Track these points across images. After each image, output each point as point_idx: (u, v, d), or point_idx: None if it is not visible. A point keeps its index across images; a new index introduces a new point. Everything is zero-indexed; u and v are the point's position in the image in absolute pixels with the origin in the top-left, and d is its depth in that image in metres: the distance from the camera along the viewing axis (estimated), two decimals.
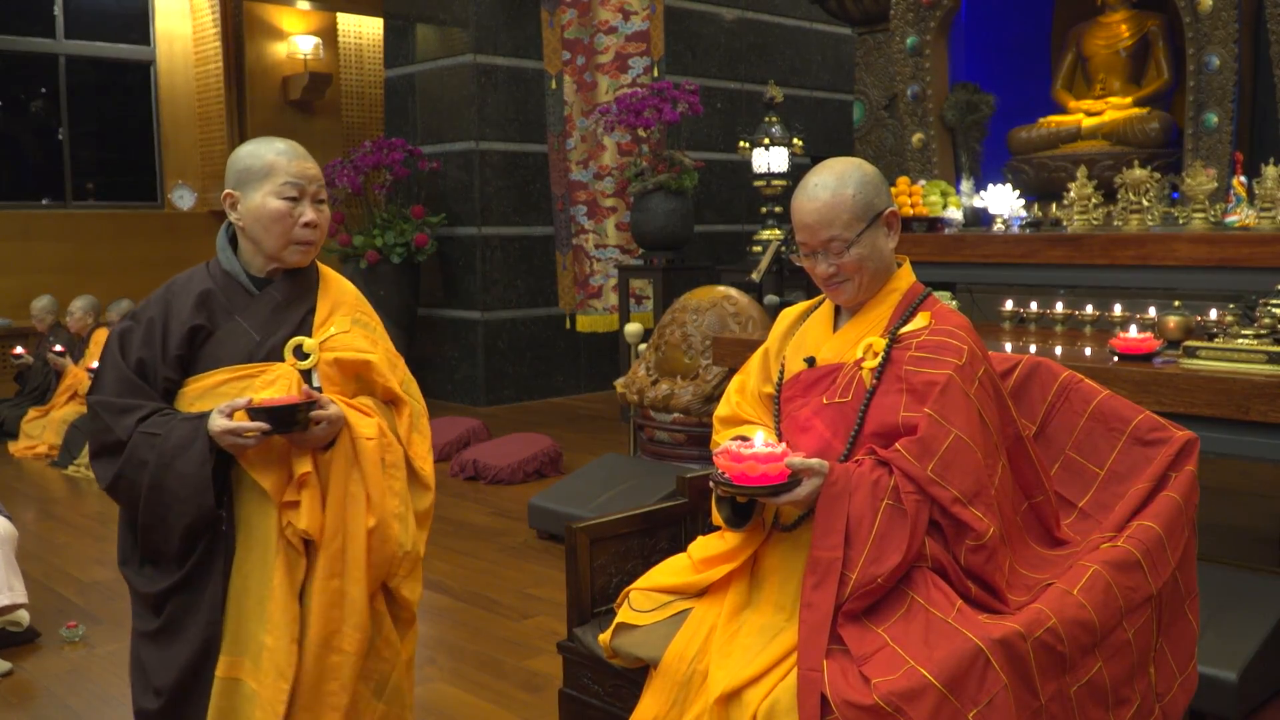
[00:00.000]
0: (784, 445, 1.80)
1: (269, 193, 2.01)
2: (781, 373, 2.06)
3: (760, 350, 2.17)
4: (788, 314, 2.18)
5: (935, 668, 1.60)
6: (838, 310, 2.05)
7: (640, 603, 2.01)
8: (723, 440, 2.10)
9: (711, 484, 1.81)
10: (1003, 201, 5.26)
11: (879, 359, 1.89)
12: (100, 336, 6.74)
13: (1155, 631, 1.87)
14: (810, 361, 2.00)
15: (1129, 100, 6.01)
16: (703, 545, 2.05)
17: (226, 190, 2.04)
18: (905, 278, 2.01)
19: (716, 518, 1.96)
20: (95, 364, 6.21)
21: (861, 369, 1.91)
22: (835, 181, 1.91)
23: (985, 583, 1.77)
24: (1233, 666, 2.59)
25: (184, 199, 9.31)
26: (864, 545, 1.73)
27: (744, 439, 1.82)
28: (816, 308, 2.11)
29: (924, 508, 1.74)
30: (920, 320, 1.93)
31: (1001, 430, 1.90)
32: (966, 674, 1.60)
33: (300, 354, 2.03)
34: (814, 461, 1.77)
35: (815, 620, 1.71)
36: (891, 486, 1.75)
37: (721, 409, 2.19)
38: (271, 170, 2.02)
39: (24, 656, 3.39)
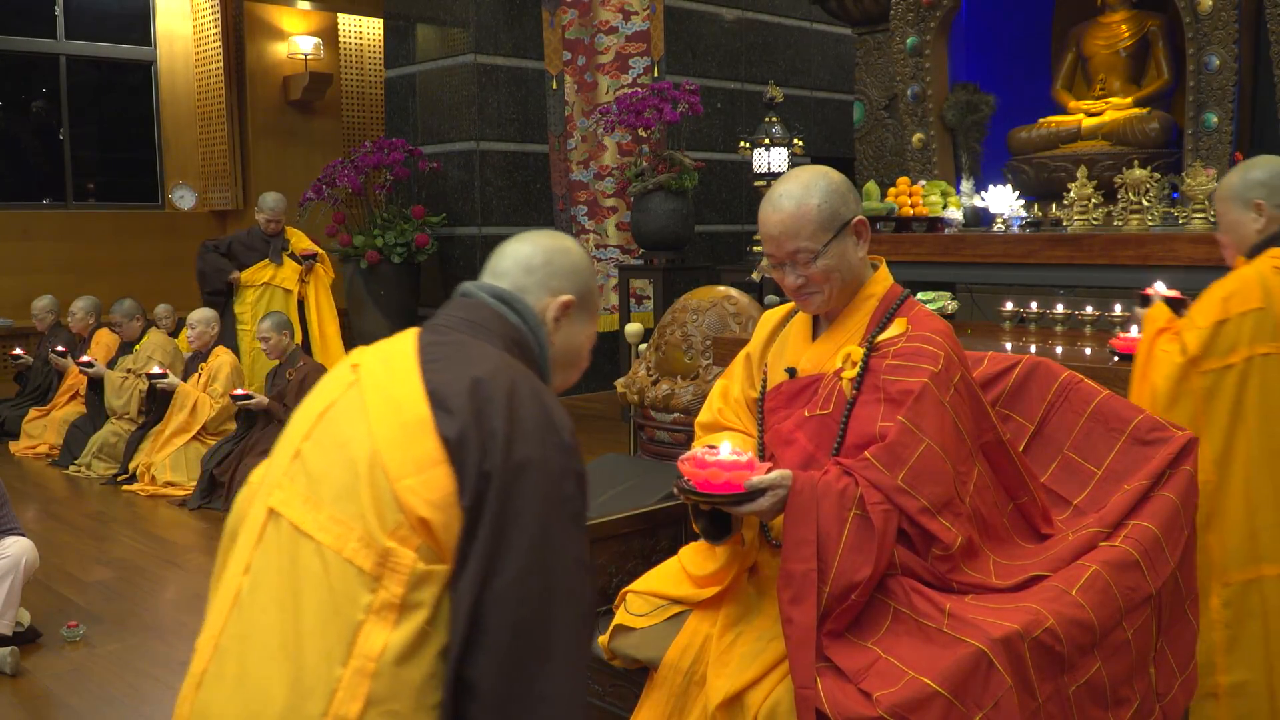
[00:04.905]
0: (750, 455, 1.77)
1: (594, 330, 1.67)
2: (764, 382, 2.05)
3: (742, 354, 2.15)
4: (769, 318, 2.15)
5: (938, 675, 1.58)
6: (816, 316, 2.03)
7: (637, 606, 2.01)
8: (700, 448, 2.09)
9: (676, 490, 1.78)
10: (1003, 201, 5.26)
11: (857, 369, 1.87)
12: (101, 337, 6.74)
13: (1155, 631, 1.87)
14: (791, 372, 1.98)
15: (1129, 100, 6.01)
16: (693, 558, 2.02)
17: (574, 294, 1.59)
18: (881, 282, 1.97)
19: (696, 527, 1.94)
20: (86, 358, 6.22)
21: (841, 379, 1.88)
22: (800, 192, 1.88)
23: (958, 582, 1.76)
24: None
25: (184, 199, 9.31)
26: (834, 556, 1.70)
27: (712, 447, 1.80)
28: (797, 311, 2.09)
29: (892, 518, 1.72)
30: (897, 327, 1.90)
31: (978, 436, 1.88)
32: (970, 678, 1.59)
33: None
34: (774, 477, 1.73)
35: (799, 636, 1.68)
36: (858, 497, 1.72)
37: (703, 415, 2.17)
38: (595, 302, 1.68)
39: (24, 656, 3.39)
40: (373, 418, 1.38)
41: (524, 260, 1.59)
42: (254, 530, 1.44)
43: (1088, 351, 3.54)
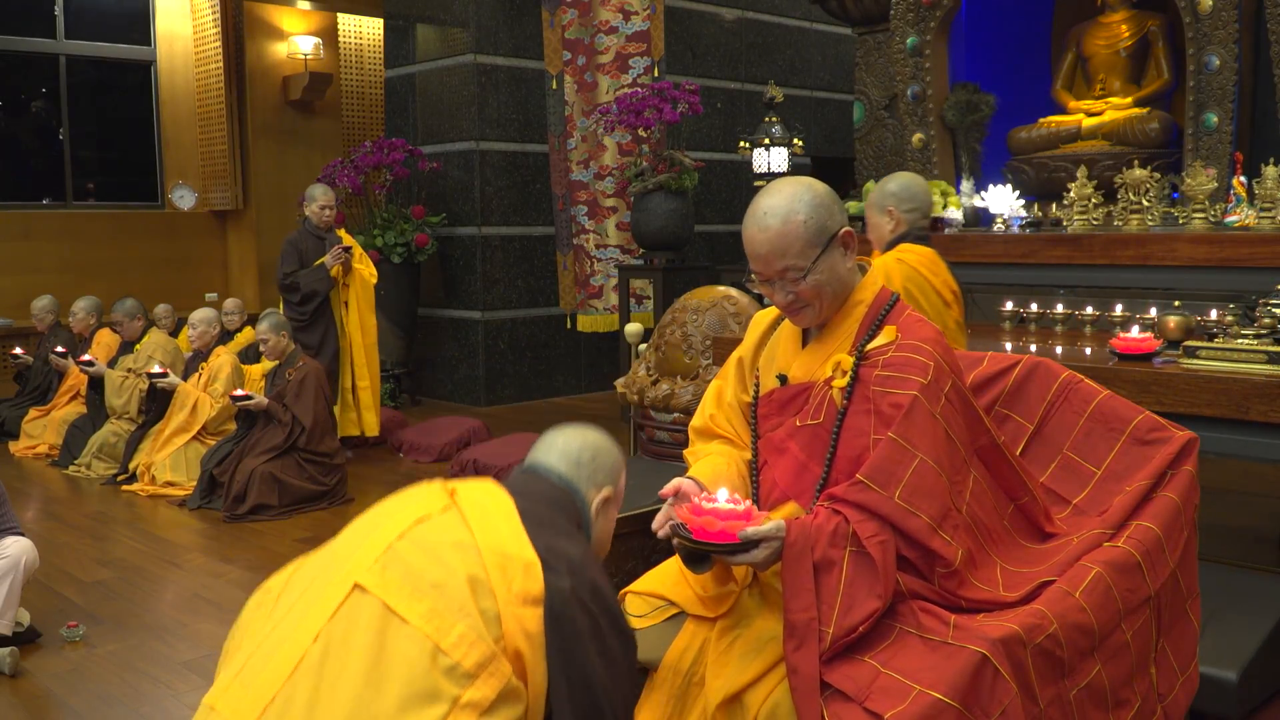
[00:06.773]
0: (748, 504, 1.75)
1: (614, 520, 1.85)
2: (757, 388, 2.03)
3: (735, 358, 2.13)
4: (761, 319, 2.13)
5: (946, 687, 1.57)
6: None
7: (636, 607, 2.00)
8: (695, 456, 2.08)
9: (671, 536, 1.77)
10: (1003, 201, 5.26)
11: (848, 378, 1.84)
12: (102, 337, 6.74)
13: (1155, 632, 1.87)
14: (782, 379, 1.96)
15: (1129, 100, 6.01)
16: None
17: (611, 489, 1.79)
18: (870, 287, 1.94)
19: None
20: (87, 357, 6.20)
21: (832, 388, 1.86)
22: (785, 207, 1.82)
23: (967, 599, 1.75)
24: (1233, 666, 2.58)
25: (184, 199, 9.31)
26: (835, 598, 1.68)
27: (710, 495, 1.79)
28: None
29: (890, 548, 1.69)
30: (886, 335, 1.87)
31: (972, 442, 1.86)
32: (976, 686, 1.58)
33: None
34: (769, 528, 1.71)
35: (805, 685, 1.66)
36: (850, 533, 1.70)
37: (696, 419, 2.15)
38: (622, 494, 1.85)
39: (24, 656, 3.39)
40: (481, 543, 1.50)
41: (573, 454, 1.77)
42: (328, 602, 1.48)
43: (1088, 351, 3.54)
